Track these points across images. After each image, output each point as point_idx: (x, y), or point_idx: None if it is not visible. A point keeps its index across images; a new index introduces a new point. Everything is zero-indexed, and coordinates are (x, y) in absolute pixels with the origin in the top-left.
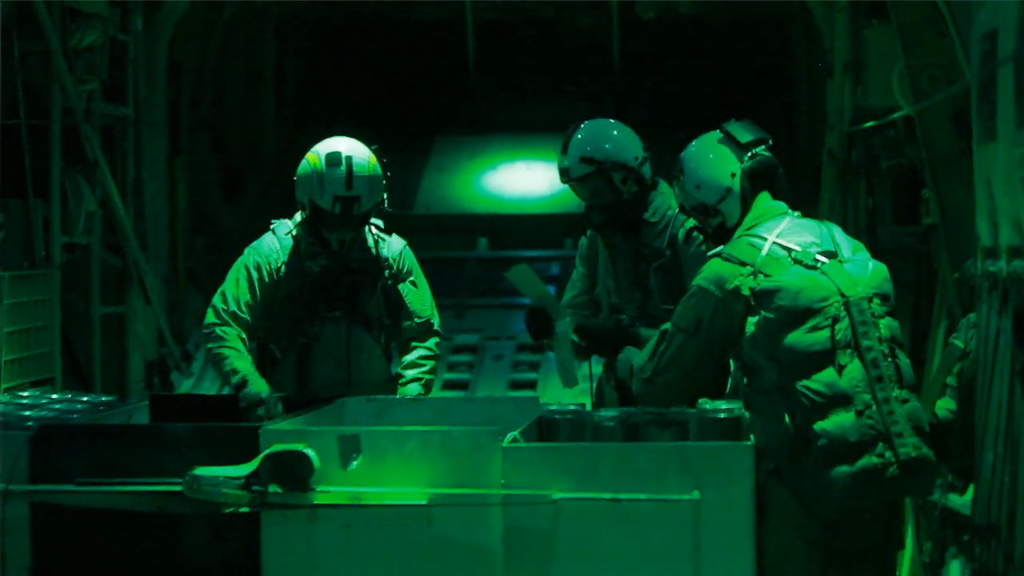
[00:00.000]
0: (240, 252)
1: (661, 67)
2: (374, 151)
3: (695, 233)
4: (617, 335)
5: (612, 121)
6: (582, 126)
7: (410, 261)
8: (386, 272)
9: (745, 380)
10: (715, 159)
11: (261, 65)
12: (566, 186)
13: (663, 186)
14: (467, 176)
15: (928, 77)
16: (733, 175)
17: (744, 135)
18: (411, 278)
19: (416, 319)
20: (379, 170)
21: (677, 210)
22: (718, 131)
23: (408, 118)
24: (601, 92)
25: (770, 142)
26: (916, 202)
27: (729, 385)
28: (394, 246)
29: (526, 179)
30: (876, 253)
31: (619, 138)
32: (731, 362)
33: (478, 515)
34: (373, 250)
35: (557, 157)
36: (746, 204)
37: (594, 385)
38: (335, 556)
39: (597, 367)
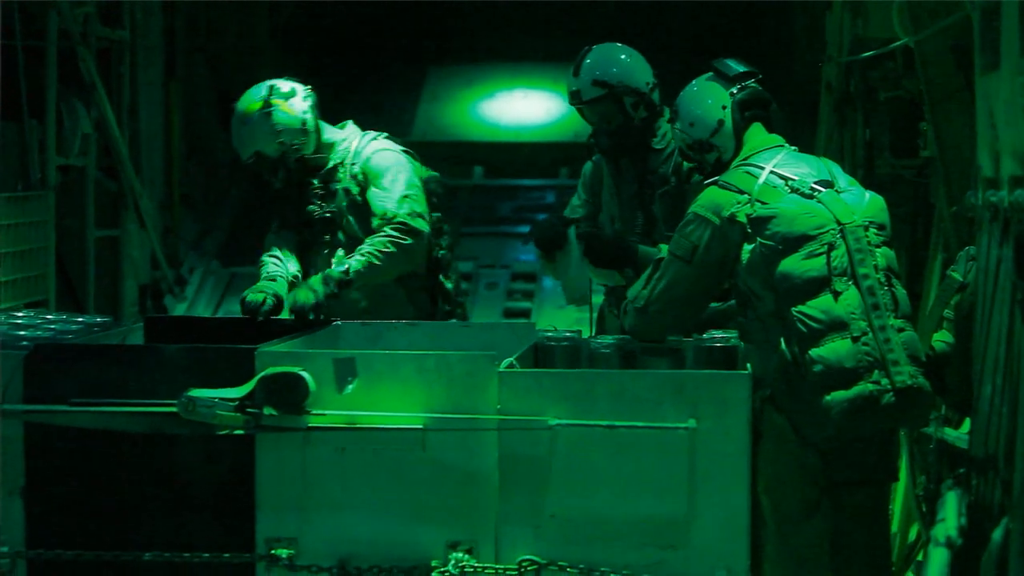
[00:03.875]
0: (233, 176)
1: None
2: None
3: (696, 176)
4: (617, 248)
5: (623, 45)
6: (593, 49)
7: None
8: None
9: (740, 309)
10: (705, 94)
11: None
12: (562, 115)
13: (669, 113)
14: (463, 104)
15: (928, 9)
16: (724, 107)
17: (732, 68)
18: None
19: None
20: (272, 115)
21: None
22: (709, 72)
23: (404, 46)
24: (598, 20)
25: (760, 76)
26: (914, 135)
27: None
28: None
29: (522, 108)
30: (873, 186)
31: (631, 63)
32: None
33: (473, 440)
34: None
35: (567, 80)
36: (739, 136)
37: (595, 314)
38: (329, 479)
39: (598, 296)
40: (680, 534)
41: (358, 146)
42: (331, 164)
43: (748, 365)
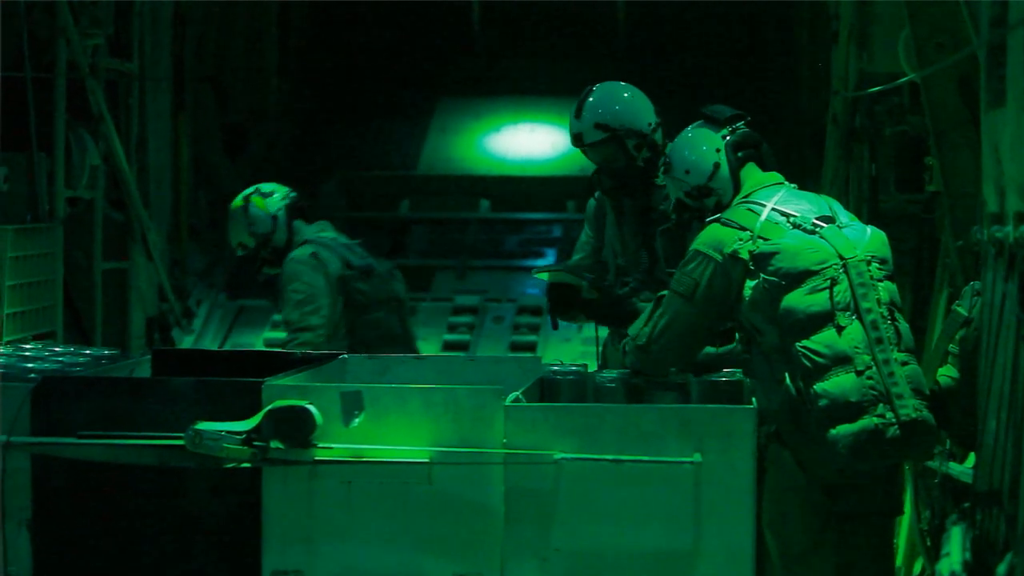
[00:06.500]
0: None
1: (665, 30)
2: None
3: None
4: (616, 309)
5: (625, 84)
6: (595, 90)
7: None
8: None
9: (743, 346)
10: (698, 140)
11: (265, 22)
12: (569, 149)
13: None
14: (470, 137)
15: (934, 45)
16: (718, 150)
17: (722, 112)
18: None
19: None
20: (248, 209)
21: None
22: (698, 121)
23: (412, 78)
24: (605, 55)
25: (748, 119)
26: (920, 170)
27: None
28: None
29: (529, 141)
30: (878, 221)
31: (634, 104)
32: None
33: (479, 474)
34: None
35: (569, 121)
36: (735, 177)
37: (600, 348)
38: (336, 512)
39: (603, 329)
40: (685, 568)
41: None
42: None
43: (753, 400)
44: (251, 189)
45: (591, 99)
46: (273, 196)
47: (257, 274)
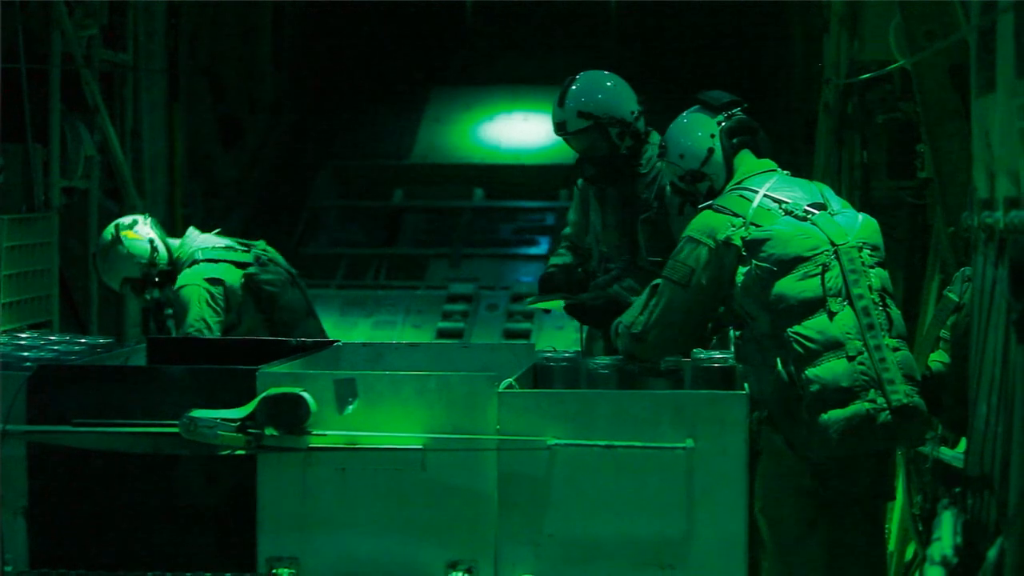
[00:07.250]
0: (235, 199)
1: (657, 19)
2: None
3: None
4: (607, 311)
5: (608, 73)
6: (578, 78)
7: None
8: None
9: (736, 332)
10: (693, 125)
11: (259, 14)
12: (562, 137)
13: (655, 137)
14: (464, 126)
15: (925, 32)
16: (712, 136)
17: (718, 98)
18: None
19: None
20: (123, 243)
21: None
22: (695, 105)
23: (405, 68)
24: (597, 43)
25: (745, 105)
26: (911, 156)
27: (715, 339)
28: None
29: (522, 130)
30: (870, 208)
31: (616, 92)
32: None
33: (473, 460)
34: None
35: (552, 110)
36: (729, 163)
37: (584, 334)
38: (330, 499)
39: None
40: (678, 554)
41: (180, 272)
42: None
43: (745, 385)
44: (110, 227)
45: (574, 87)
46: (136, 222)
47: (147, 299)
